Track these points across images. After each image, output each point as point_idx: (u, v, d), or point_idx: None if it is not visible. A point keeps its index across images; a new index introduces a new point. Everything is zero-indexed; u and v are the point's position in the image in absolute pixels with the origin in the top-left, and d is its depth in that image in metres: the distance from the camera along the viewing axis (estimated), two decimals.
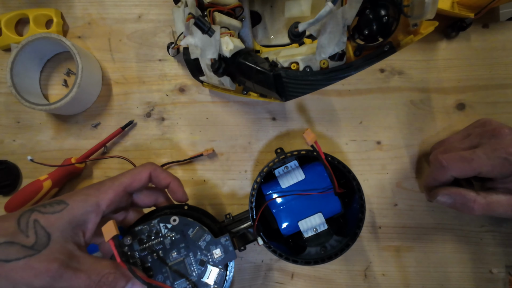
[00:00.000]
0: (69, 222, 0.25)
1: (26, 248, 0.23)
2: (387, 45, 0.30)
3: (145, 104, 0.44)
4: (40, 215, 0.24)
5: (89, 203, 0.26)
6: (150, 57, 0.44)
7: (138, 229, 0.29)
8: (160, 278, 0.28)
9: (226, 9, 0.34)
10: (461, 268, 0.41)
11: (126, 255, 0.28)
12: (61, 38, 0.39)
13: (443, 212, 0.41)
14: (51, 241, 0.23)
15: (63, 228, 0.24)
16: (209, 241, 0.29)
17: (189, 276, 0.28)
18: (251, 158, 0.43)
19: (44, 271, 0.22)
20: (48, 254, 0.23)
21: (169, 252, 0.29)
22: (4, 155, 0.44)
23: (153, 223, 0.29)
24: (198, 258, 0.29)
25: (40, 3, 0.44)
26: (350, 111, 0.42)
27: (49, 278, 0.23)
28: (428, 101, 0.42)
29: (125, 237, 0.28)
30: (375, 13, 0.28)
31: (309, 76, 0.32)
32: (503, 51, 0.41)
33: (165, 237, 0.29)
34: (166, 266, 0.28)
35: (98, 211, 0.27)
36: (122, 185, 0.28)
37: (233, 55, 0.33)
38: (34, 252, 0.23)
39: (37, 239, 0.23)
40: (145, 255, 0.28)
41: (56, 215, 0.24)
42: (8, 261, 0.22)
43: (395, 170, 0.42)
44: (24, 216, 0.24)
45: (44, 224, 0.24)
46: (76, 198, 0.26)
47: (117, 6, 0.44)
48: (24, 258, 0.22)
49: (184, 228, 0.29)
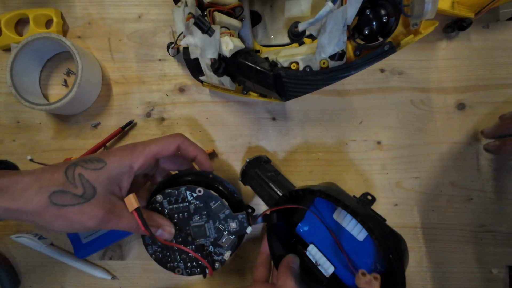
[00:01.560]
0: (108, 179, 0.28)
1: (77, 196, 0.27)
2: (387, 45, 0.30)
3: (145, 104, 0.44)
4: (83, 169, 0.28)
5: (123, 165, 0.30)
6: (150, 57, 0.44)
7: (168, 191, 0.33)
8: (183, 234, 0.34)
9: (226, 9, 0.34)
10: (461, 268, 0.41)
11: (157, 208, 0.33)
12: (61, 38, 0.39)
13: (443, 212, 0.41)
14: (97, 193, 0.28)
15: (104, 184, 0.28)
16: (228, 215, 0.33)
17: (207, 237, 0.34)
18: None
19: (95, 215, 0.27)
20: (96, 203, 0.27)
21: (193, 216, 0.33)
22: (4, 155, 0.44)
23: (181, 189, 0.33)
24: (217, 226, 0.33)
25: (40, 3, 0.44)
26: (350, 111, 0.42)
27: (99, 220, 0.27)
28: (428, 101, 0.42)
29: (158, 195, 0.33)
30: (375, 13, 0.28)
31: (309, 76, 0.32)
32: (503, 51, 0.41)
33: (190, 203, 0.33)
34: (189, 225, 0.33)
35: (131, 172, 0.30)
36: (152, 152, 0.31)
37: (233, 55, 0.33)
38: (84, 201, 0.27)
39: (85, 190, 0.27)
40: (172, 213, 0.33)
41: (97, 172, 0.28)
42: (64, 205, 0.26)
43: (395, 170, 0.42)
44: (70, 169, 0.28)
45: (89, 178, 0.28)
46: (112, 159, 0.29)
47: (117, 6, 0.44)
48: (77, 205, 0.27)
49: (207, 199, 0.33)
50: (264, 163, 0.39)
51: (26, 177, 0.26)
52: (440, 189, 0.42)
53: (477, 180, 0.41)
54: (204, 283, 0.43)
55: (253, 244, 0.43)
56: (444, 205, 0.42)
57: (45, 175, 0.27)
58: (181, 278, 0.43)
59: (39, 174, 0.27)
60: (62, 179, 0.27)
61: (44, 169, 0.28)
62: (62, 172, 0.27)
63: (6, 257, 0.44)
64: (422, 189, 0.42)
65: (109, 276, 0.43)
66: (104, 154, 0.30)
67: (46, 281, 0.44)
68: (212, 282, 0.43)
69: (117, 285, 0.44)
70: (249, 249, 0.43)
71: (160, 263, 0.34)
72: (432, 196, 0.42)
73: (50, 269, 0.44)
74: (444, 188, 0.42)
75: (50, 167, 0.28)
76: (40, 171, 0.27)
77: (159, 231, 0.31)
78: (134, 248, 0.43)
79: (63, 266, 0.44)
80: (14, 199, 0.25)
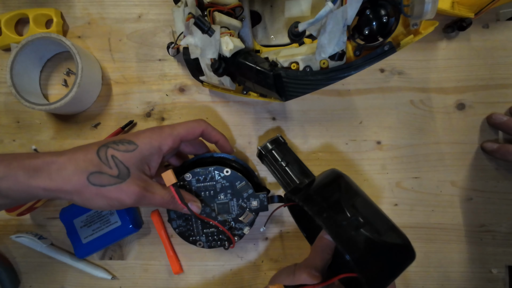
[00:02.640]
0: (140, 160, 0.30)
1: (113, 177, 0.29)
2: (387, 45, 0.30)
3: (145, 104, 0.44)
4: (115, 151, 0.29)
5: (153, 146, 0.31)
6: (150, 57, 0.44)
7: (197, 170, 0.36)
8: (208, 209, 0.37)
9: (226, 9, 0.34)
10: (461, 268, 0.41)
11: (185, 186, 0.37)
12: (61, 38, 0.39)
13: (443, 212, 0.41)
14: (131, 173, 0.29)
15: (137, 165, 0.30)
16: (251, 194, 0.37)
17: (230, 214, 0.37)
18: (251, 158, 0.43)
19: (132, 193, 0.29)
20: (132, 182, 0.29)
21: (218, 194, 0.37)
22: None
23: (210, 169, 0.36)
24: (240, 204, 0.37)
25: (40, 3, 0.44)
26: (350, 111, 0.42)
27: (135, 197, 0.29)
28: (428, 101, 0.42)
29: (187, 173, 0.36)
30: (375, 13, 0.28)
31: (309, 76, 0.32)
32: (503, 51, 0.41)
33: (217, 182, 0.37)
34: (214, 202, 0.37)
35: (160, 153, 0.32)
36: (179, 135, 0.33)
37: (233, 55, 0.33)
38: (120, 181, 0.29)
39: (120, 171, 0.29)
40: (199, 191, 0.37)
41: (130, 154, 0.30)
42: (103, 185, 0.28)
43: (395, 170, 0.42)
44: (102, 150, 0.29)
45: (122, 160, 0.29)
46: (143, 140, 0.31)
47: (117, 6, 0.44)
48: (115, 185, 0.29)
49: (233, 180, 0.37)
50: (281, 145, 0.39)
51: (60, 158, 0.28)
52: (440, 189, 0.42)
53: (477, 180, 0.41)
54: (204, 283, 0.43)
55: (253, 244, 0.43)
56: (444, 205, 0.42)
57: (78, 155, 0.29)
58: (181, 278, 0.43)
59: (71, 155, 0.29)
60: (96, 160, 0.28)
61: (76, 150, 0.29)
62: (94, 154, 0.29)
63: (6, 257, 0.44)
64: (422, 189, 0.42)
65: (109, 276, 0.43)
66: (133, 136, 0.31)
67: (46, 281, 0.44)
68: (212, 282, 0.43)
69: (117, 285, 0.44)
70: (249, 249, 0.43)
71: (183, 236, 0.38)
72: (432, 196, 0.42)
73: (50, 269, 0.44)
74: (444, 188, 0.42)
75: (80, 148, 0.30)
76: (72, 152, 0.29)
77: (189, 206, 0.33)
78: (134, 248, 0.43)
79: (63, 266, 0.44)
80: (52, 179, 0.27)
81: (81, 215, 0.41)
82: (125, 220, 0.40)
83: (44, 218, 0.44)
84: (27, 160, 0.27)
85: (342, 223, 0.27)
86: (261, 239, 0.43)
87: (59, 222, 0.41)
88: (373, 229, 0.27)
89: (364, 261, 0.25)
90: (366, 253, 0.26)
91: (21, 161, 0.27)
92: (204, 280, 0.43)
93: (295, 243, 0.42)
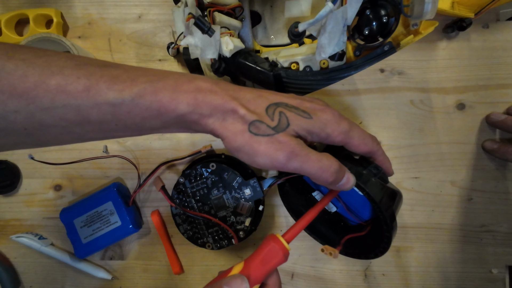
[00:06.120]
0: (305, 129, 0.27)
1: (269, 128, 0.26)
2: (387, 45, 0.30)
3: None
4: (286, 110, 0.27)
5: (325, 127, 0.28)
6: (150, 57, 0.44)
7: (187, 172, 0.37)
8: (207, 208, 0.38)
9: (226, 9, 0.34)
10: (461, 268, 0.41)
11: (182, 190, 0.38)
12: (61, 38, 0.39)
13: (443, 212, 0.41)
14: (289, 129, 0.26)
15: (301, 127, 0.27)
16: (241, 183, 0.37)
17: (227, 208, 0.38)
18: None
19: (283, 145, 0.26)
20: (287, 134, 0.26)
21: (211, 190, 0.38)
22: (4, 155, 0.44)
23: (197, 168, 0.37)
24: (233, 195, 0.37)
25: (40, 3, 0.44)
26: (350, 111, 0.42)
27: (287, 152, 0.25)
28: (428, 101, 0.42)
29: (180, 177, 0.37)
30: (375, 13, 0.29)
31: (309, 76, 0.32)
32: (503, 51, 0.41)
33: (207, 179, 0.37)
34: (210, 199, 0.38)
35: (324, 138, 0.28)
36: (350, 138, 0.29)
37: (233, 55, 0.33)
38: (275, 132, 0.26)
39: (279, 123, 0.26)
40: (194, 191, 0.38)
41: (300, 117, 0.27)
42: (256, 134, 0.26)
43: (395, 170, 0.41)
44: (271, 107, 0.27)
45: (289, 117, 0.27)
46: (319, 118, 0.27)
47: (117, 6, 0.44)
48: (268, 136, 0.26)
49: (220, 172, 0.37)
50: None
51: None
52: (440, 189, 0.42)
53: (477, 180, 0.41)
54: (204, 283, 0.43)
55: (253, 244, 0.43)
56: (444, 205, 0.42)
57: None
58: (181, 278, 0.43)
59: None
60: (262, 113, 0.27)
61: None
62: (263, 109, 0.27)
63: (6, 257, 0.44)
64: (422, 189, 0.42)
65: (109, 276, 0.43)
66: (312, 109, 0.28)
67: (46, 281, 0.44)
68: None
69: (117, 285, 0.44)
70: (249, 250, 0.43)
71: (192, 240, 0.38)
72: (432, 196, 0.42)
73: (50, 269, 0.44)
74: (444, 188, 0.42)
75: (255, 102, 0.28)
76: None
77: (344, 179, 0.28)
78: (134, 248, 0.44)
79: (63, 266, 0.44)
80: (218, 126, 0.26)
81: (81, 215, 0.41)
82: (125, 220, 0.40)
83: (44, 218, 0.44)
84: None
85: (362, 172, 0.29)
86: (261, 239, 0.43)
87: (59, 222, 0.41)
88: (383, 178, 0.32)
89: (383, 203, 0.29)
90: (383, 197, 0.29)
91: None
92: (204, 280, 0.43)
93: (295, 243, 0.43)
